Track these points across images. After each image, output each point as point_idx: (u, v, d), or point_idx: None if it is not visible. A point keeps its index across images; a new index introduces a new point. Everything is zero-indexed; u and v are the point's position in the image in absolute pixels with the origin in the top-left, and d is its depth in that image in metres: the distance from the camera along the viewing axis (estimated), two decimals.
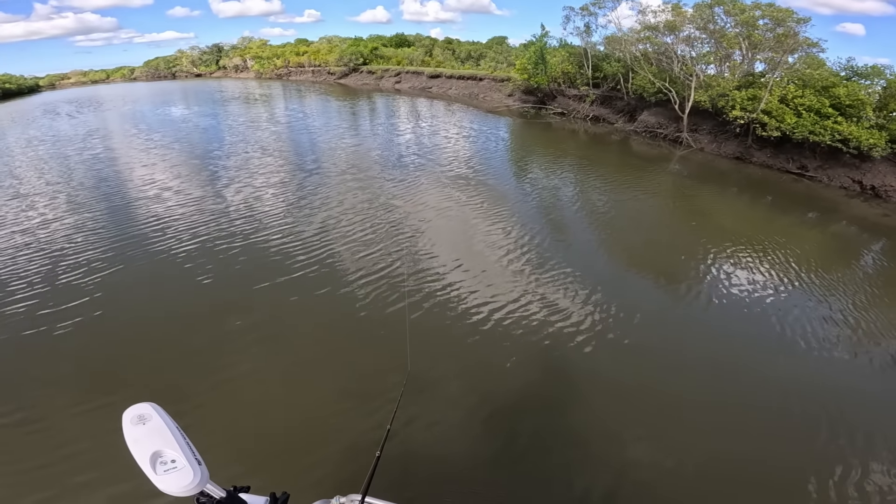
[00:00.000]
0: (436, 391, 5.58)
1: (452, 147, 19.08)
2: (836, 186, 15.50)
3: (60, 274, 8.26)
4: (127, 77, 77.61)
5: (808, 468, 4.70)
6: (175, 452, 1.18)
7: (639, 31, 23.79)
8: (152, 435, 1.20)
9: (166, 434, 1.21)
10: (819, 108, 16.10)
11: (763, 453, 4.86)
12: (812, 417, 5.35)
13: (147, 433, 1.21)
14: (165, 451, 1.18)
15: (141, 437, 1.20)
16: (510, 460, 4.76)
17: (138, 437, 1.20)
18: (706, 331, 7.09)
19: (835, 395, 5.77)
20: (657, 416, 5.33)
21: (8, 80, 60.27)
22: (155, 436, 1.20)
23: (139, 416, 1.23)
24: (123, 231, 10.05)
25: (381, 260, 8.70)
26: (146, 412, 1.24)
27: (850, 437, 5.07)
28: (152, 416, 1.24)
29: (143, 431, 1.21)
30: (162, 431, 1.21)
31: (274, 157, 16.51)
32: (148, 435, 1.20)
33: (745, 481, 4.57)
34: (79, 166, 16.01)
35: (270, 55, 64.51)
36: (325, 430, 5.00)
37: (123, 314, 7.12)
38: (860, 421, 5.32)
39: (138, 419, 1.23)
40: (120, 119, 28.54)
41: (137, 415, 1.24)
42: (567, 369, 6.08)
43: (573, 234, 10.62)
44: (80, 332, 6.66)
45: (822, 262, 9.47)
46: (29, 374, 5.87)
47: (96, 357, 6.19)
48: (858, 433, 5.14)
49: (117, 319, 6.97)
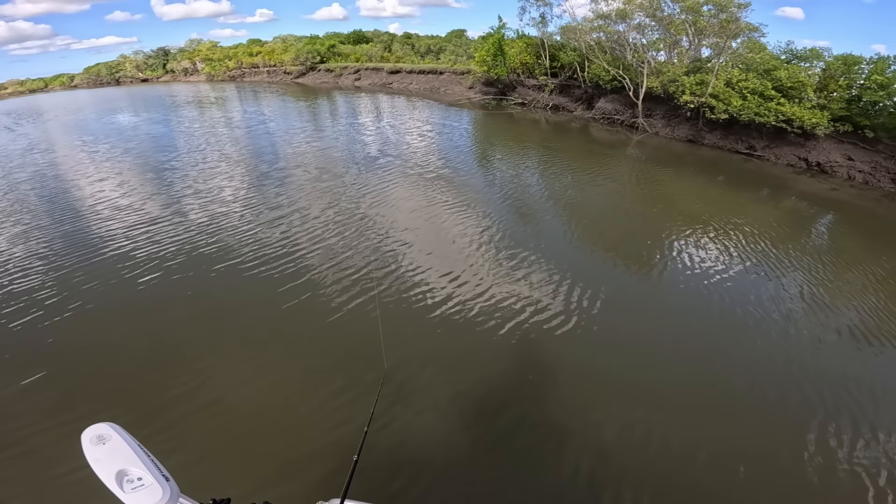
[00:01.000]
0: (412, 389, 5.53)
1: (417, 143, 18.90)
2: (784, 164, 16.35)
3: (9, 301, 7.59)
4: (67, 85, 72.90)
5: (781, 441, 4.88)
6: (140, 470, 1.17)
7: (592, 19, 24.27)
8: (114, 454, 1.19)
9: (128, 452, 1.19)
10: (762, 91, 16.90)
11: (728, 428, 5.02)
12: (777, 391, 5.55)
13: (108, 452, 1.19)
14: (130, 469, 1.17)
15: (102, 457, 1.18)
16: (489, 453, 4.77)
17: (99, 457, 1.18)
18: (671, 311, 7.26)
19: (799, 367, 5.99)
20: (627, 398, 5.44)
21: None
22: (117, 455, 1.19)
23: (98, 437, 1.21)
24: (79, 253, 9.21)
25: (350, 261, 8.53)
26: (104, 432, 1.22)
27: (809, 408, 5.29)
28: (111, 435, 1.22)
29: (103, 451, 1.19)
30: (123, 450, 1.20)
31: (233, 164, 15.84)
32: (109, 454, 1.19)
33: (721, 457, 4.70)
34: (22, 185, 14.71)
35: (222, 57, 61.98)
36: (305, 436, 4.90)
37: (85, 335, 6.64)
38: (824, 391, 5.55)
39: (97, 439, 1.21)
40: (63, 130, 26.59)
41: (96, 435, 1.22)
42: (540, 356, 6.14)
43: (540, 223, 10.73)
44: (44, 353, 6.22)
45: (778, 237, 9.91)
46: None
47: (62, 375, 5.82)
48: (820, 402, 5.36)
49: (78, 341, 6.50)
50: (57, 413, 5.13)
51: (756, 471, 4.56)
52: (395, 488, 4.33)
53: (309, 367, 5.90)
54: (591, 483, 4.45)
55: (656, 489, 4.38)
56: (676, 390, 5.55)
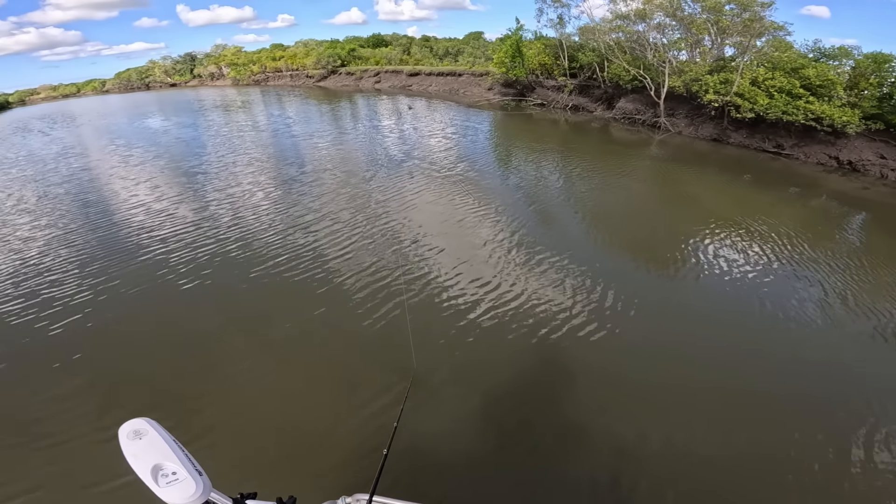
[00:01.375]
0: (440, 389, 5.57)
1: (438, 144, 19.18)
2: (813, 163, 16.03)
3: (49, 294, 8.12)
4: (98, 90, 75.73)
5: (816, 445, 4.79)
6: (174, 465, 1.21)
7: (611, 20, 24.19)
8: (150, 449, 1.23)
9: (163, 447, 1.23)
10: (790, 90, 16.63)
11: (769, 433, 4.94)
12: (811, 393, 5.47)
13: (145, 447, 1.23)
14: (165, 463, 1.21)
15: (139, 451, 1.22)
16: (515, 453, 4.81)
17: (136, 451, 1.22)
18: (699, 314, 7.17)
19: (834, 369, 5.89)
20: (655, 401, 5.38)
21: None
22: (153, 449, 1.23)
23: (135, 432, 1.25)
24: (113, 251, 9.78)
25: (376, 262, 8.71)
26: (141, 427, 1.26)
27: (857, 415, 5.14)
28: (148, 430, 1.26)
29: (140, 446, 1.23)
30: (159, 445, 1.23)
31: (260, 166, 16.31)
32: (146, 449, 1.22)
33: (752, 463, 4.64)
34: (59, 188, 15.42)
35: (246, 61, 63.62)
36: (331, 433, 5.02)
37: (120, 333, 6.99)
38: (859, 392, 5.43)
39: (134, 434, 1.24)
40: (97, 134, 27.72)
41: (133, 430, 1.25)
42: (569, 362, 6.12)
43: (562, 225, 10.77)
44: (79, 351, 6.58)
45: (807, 237, 9.72)
46: (33, 391, 5.84)
47: (98, 372, 6.14)
48: (858, 405, 5.23)
49: (113, 339, 6.85)
50: (94, 411, 5.44)
51: (798, 479, 4.47)
52: (419, 486, 4.41)
53: (336, 368, 6.07)
54: (628, 493, 4.41)
55: (693, 497, 4.35)
56: (713, 395, 5.47)
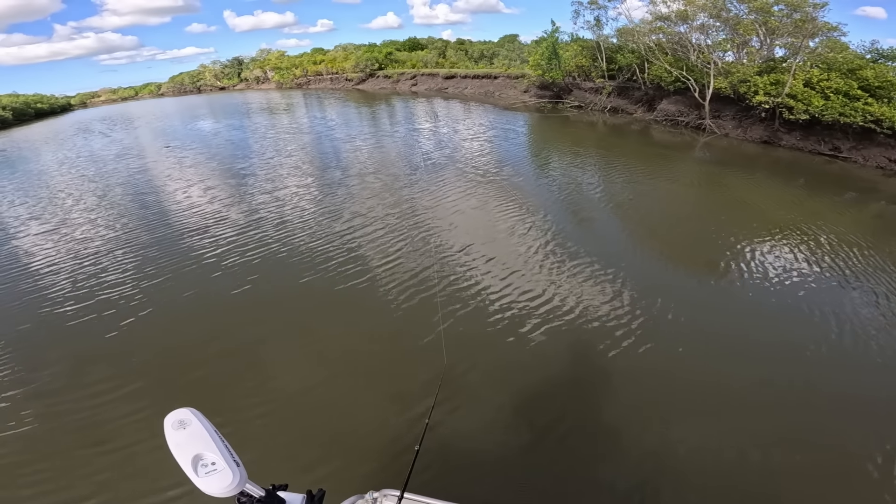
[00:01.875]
0: (470, 388, 5.63)
1: (474, 146, 19.45)
2: (873, 166, 15.26)
3: (105, 288, 8.59)
4: (154, 93, 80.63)
5: (869, 447, 4.69)
6: (214, 455, 1.23)
7: (650, 21, 23.74)
8: (193, 439, 1.26)
9: (206, 437, 1.26)
10: (847, 91, 15.91)
11: (822, 436, 4.84)
12: (868, 400, 5.31)
13: (188, 437, 1.26)
14: (206, 454, 1.24)
15: (182, 441, 1.26)
16: (546, 453, 4.80)
17: (180, 441, 1.26)
18: (748, 320, 6.93)
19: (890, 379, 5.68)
20: (694, 407, 5.28)
21: (40, 100, 61.51)
22: (195, 439, 1.26)
23: (180, 422, 1.29)
24: (168, 253, 10.15)
25: (412, 260, 8.89)
26: (186, 417, 1.30)
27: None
28: (192, 420, 1.30)
29: (183, 436, 1.27)
30: (201, 435, 1.27)
31: (305, 169, 16.86)
32: (189, 439, 1.26)
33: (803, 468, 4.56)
34: (119, 186, 16.48)
35: (289, 65, 66.19)
36: (362, 429, 5.12)
37: (167, 324, 7.35)
38: None
39: (179, 424, 1.29)
40: (153, 136, 29.41)
41: (178, 420, 1.30)
42: (601, 366, 6.01)
43: (602, 228, 10.72)
44: (128, 340, 7.00)
45: (865, 243, 9.34)
46: (82, 379, 6.22)
47: (144, 362, 6.47)
48: None
49: (162, 329, 7.22)
50: (142, 400, 5.75)
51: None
52: (448, 483, 4.40)
53: (368, 366, 6.20)
54: (658, 496, 4.39)
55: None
56: (756, 413, 5.30)
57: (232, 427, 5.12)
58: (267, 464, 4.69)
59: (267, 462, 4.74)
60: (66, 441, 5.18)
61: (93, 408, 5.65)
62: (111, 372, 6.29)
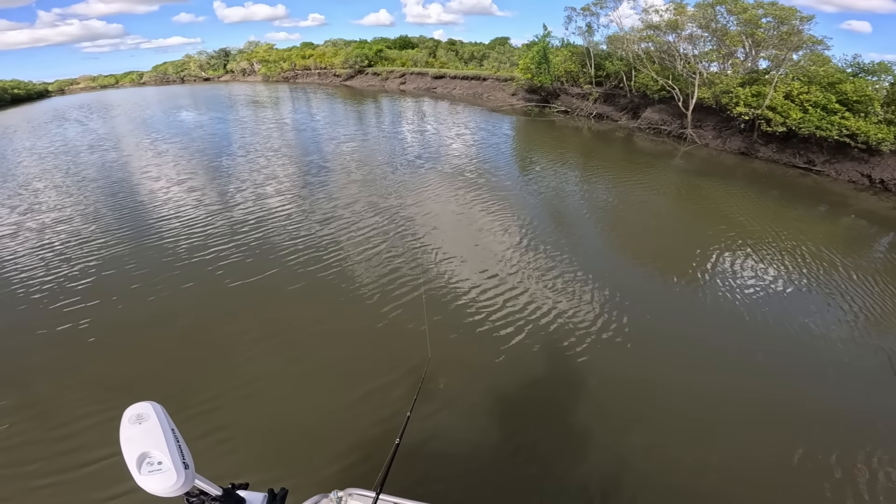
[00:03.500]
0: (446, 390, 5.59)
1: (459, 147, 19.30)
2: (845, 180, 15.51)
3: (72, 280, 8.42)
4: (136, 82, 78.75)
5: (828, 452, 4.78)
6: (162, 454, 1.18)
7: (641, 30, 23.91)
8: (145, 435, 1.21)
9: (158, 435, 1.21)
10: (825, 104, 16.14)
11: (772, 449, 4.91)
12: (822, 411, 5.38)
13: (141, 433, 1.21)
14: (153, 452, 1.18)
15: (134, 436, 1.20)
16: (520, 453, 4.82)
17: (131, 436, 1.20)
18: (716, 328, 7.09)
19: (845, 391, 5.78)
20: (663, 410, 5.38)
21: (16, 85, 60.02)
22: (147, 436, 1.20)
23: (137, 416, 1.24)
24: (138, 240, 10.12)
25: (395, 262, 8.84)
26: (145, 412, 1.25)
27: (858, 433, 5.06)
28: (150, 415, 1.24)
29: (137, 431, 1.21)
30: (154, 432, 1.21)
31: (289, 170, 16.36)
32: (141, 435, 1.21)
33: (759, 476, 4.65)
34: (94, 176, 16.09)
35: (277, 59, 65.19)
36: (332, 427, 5.05)
37: (136, 319, 7.19)
38: (869, 415, 5.32)
39: (136, 418, 1.23)
40: (133, 126, 28.70)
41: (136, 414, 1.24)
42: (577, 368, 6.11)
43: (581, 233, 10.72)
44: (94, 335, 6.83)
45: (833, 255, 9.50)
46: (43, 370, 6.08)
47: (110, 359, 6.32)
48: (869, 429, 5.12)
49: (130, 325, 7.06)
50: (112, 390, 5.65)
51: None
52: (415, 484, 4.37)
53: (346, 363, 6.13)
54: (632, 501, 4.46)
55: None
56: (713, 406, 5.48)
57: (195, 420, 5.02)
58: (229, 460, 4.64)
59: (229, 458, 4.62)
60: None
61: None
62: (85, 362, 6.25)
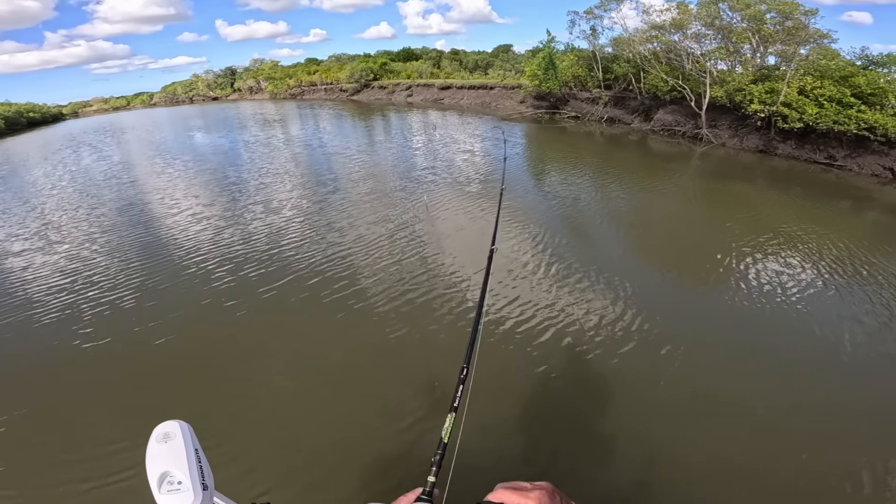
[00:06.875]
0: (474, 400, 5.54)
1: (471, 158, 19.45)
2: (867, 174, 15.45)
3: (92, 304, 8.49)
4: (147, 103, 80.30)
5: (854, 467, 4.66)
6: (183, 474, 1.20)
7: (645, 30, 24.04)
8: (169, 454, 1.23)
9: (181, 454, 1.23)
10: (840, 98, 16.15)
11: (811, 456, 4.81)
12: (860, 414, 5.26)
13: (166, 451, 1.24)
14: (174, 471, 1.21)
15: (158, 454, 1.23)
16: (547, 464, 4.83)
17: (156, 454, 1.23)
18: (752, 333, 6.96)
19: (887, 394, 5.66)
20: (697, 421, 5.30)
21: (32, 108, 60.83)
22: (171, 455, 1.23)
23: (165, 434, 1.27)
24: (160, 272, 10.04)
25: (409, 274, 8.85)
26: (172, 430, 1.28)
27: None
28: (176, 434, 1.27)
29: (163, 449, 1.24)
30: (178, 451, 1.24)
31: (301, 192, 16.11)
32: (166, 453, 1.23)
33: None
34: (112, 202, 16.35)
35: (283, 76, 66.26)
36: (357, 447, 5.05)
37: (155, 339, 7.29)
38: None
39: (164, 437, 1.27)
40: (150, 151, 28.79)
41: (164, 432, 1.27)
42: (603, 375, 6.05)
43: (602, 241, 10.67)
44: (117, 353, 6.99)
45: (863, 251, 9.41)
46: (65, 388, 6.22)
47: (131, 378, 6.44)
48: None
49: (150, 344, 7.17)
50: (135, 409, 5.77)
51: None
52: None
53: (365, 383, 6.11)
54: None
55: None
56: (757, 423, 5.32)
57: (224, 443, 5.10)
58: (251, 476, 4.73)
59: (252, 475, 4.72)
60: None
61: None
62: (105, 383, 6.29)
